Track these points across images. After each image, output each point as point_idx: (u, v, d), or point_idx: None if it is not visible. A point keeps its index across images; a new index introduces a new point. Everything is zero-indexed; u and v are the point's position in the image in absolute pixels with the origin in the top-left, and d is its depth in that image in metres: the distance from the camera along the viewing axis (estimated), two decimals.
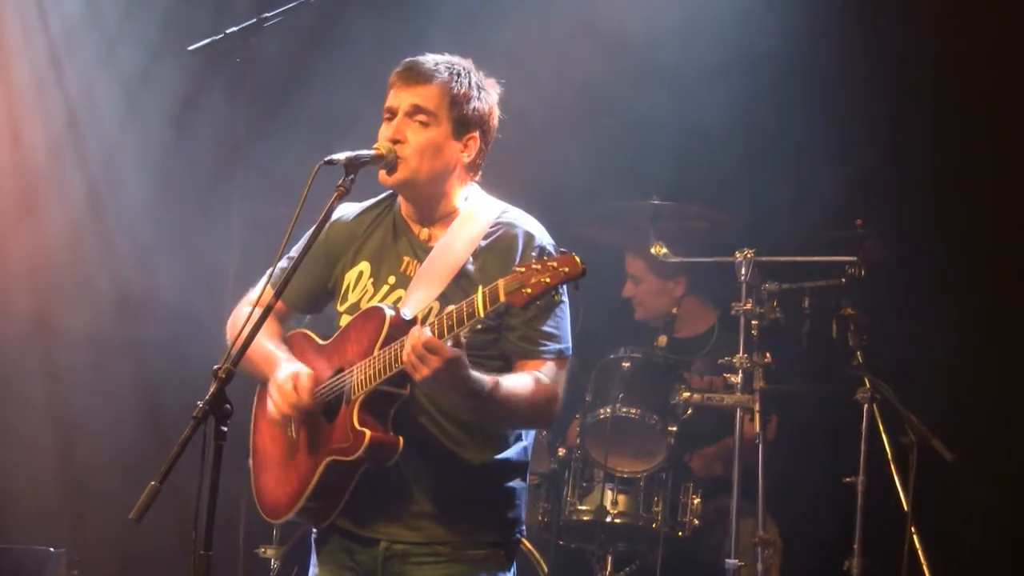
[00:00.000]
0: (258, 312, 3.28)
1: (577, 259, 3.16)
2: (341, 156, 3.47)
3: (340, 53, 6.45)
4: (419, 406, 3.54)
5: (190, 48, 5.20)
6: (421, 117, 3.61)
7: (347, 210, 3.81)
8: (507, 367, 3.56)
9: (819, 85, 6.15)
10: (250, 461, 3.81)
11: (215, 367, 3.08)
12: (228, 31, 5.19)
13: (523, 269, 3.17)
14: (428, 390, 3.44)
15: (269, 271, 3.80)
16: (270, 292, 3.70)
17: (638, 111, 6.28)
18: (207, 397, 3.02)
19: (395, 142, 3.59)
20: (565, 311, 3.63)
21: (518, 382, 3.48)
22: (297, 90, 6.44)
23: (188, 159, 6.44)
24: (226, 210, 5.54)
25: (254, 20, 5.11)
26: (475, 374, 3.34)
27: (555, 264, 3.15)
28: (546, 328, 3.56)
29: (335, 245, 3.75)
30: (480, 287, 3.23)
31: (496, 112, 3.74)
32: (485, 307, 3.20)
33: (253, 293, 3.85)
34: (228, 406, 3.04)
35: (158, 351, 6.34)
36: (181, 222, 6.37)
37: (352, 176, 3.46)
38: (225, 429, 3.03)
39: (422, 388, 3.42)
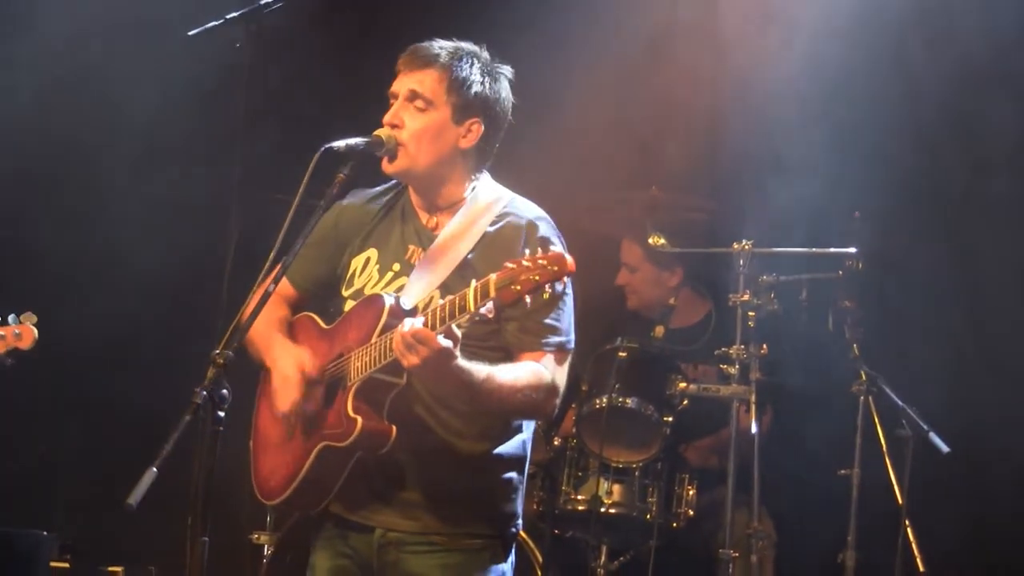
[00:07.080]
0: (257, 298, 3.28)
1: (567, 258, 3.14)
2: (341, 143, 3.47)
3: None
4: (417, 396, 3.53)
5: (190, 33, 5.16)
6: (419, 102, 3.59)
7: (359, 195, 3.80)
8: (508, 358, 3.54)
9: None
10: (251, 442, 3.79)
11: (213, 352, 3.07)
12: (228, 16, 5.16)
13: (514, 266, 3.15)
14: (419, 379, 3.43)
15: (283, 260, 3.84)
16: (283, 280, 3.70)
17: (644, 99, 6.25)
18: (204, 383, 3.01)
19: (393, 127, 3.58)
20: (568, 304, 3.61)
21: (514, 373, 3.47)
22: None
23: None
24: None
25: (255, 6, 5.08)
26: (466, 365, 3.33)
27: (544, 263, 3.13)
28: (547, 321, 3.55)
29: (345, 230, 3.74)
30: (473, 281, 3.22)
31: (504, 98, 3.68)
32: (475, 301, 3.19)
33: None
34: (225, 392, 3.03)
35: (151, 329, 6.33)
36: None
37: (353, 163, 3.46)
38: (222, 415, 3.02)
39: (413, 376, 3.41)
